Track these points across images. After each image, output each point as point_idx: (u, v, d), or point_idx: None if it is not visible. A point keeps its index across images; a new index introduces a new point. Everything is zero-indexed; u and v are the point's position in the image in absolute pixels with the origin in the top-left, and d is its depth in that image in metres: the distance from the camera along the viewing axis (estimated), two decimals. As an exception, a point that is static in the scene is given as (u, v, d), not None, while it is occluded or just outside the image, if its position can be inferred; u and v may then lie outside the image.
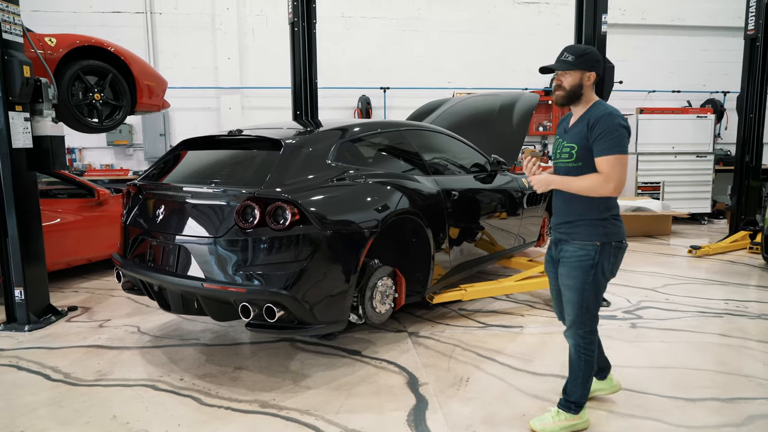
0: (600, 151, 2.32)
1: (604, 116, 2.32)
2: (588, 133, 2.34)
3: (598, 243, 2.39)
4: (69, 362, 3.43)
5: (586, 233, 2.41)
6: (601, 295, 2.50)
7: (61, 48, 4.69)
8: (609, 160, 2.29)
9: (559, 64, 2.42)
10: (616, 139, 2.29)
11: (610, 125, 2.29)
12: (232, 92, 9.24)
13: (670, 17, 10.09)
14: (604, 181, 2.30)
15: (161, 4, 9.04)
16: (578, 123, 2.42)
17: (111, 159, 9.31)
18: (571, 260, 2.45)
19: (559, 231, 2.53)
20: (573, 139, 2.41)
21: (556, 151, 2.52)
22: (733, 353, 3.59)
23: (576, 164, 2.41)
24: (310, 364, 3.38)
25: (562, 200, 2.50)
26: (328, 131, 3.58)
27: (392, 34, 9.57)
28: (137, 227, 3.38)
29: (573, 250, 2.44)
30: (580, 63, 2.38)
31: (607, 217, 2.41)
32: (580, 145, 2.38)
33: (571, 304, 2.48)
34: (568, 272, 2.47)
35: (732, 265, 6.26)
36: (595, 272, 2.41)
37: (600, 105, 2.40)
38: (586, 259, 2.40)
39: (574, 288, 2.45)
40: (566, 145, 2.43)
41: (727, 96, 10.42)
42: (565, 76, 2.41)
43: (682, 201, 9.14)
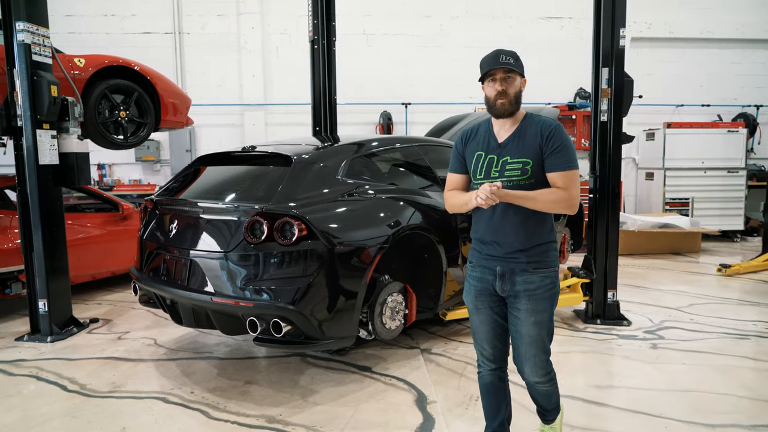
0: (557, 165, 2.07)
1: (557, 128, 2.10)
2: (543, 144, 2.08)
3: (556, 268, 2.18)
4: (86, 373, 3.51)
5: (547, 259, 2.15)
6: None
7: (90, 68, 4.88)
8: (568, 176, 2.07)
9: (506, 64, 2.09)
10: (571, 153, 2.09)
11: (565, 139, 2.09)
12: (256, 109, 9.43)
13: (699, 30, 9.88)
14: (565, 198, 2.05)
15: (189, 24, 9.33)
16: (522, 135, 2.12)
17: (139, 174, 9.57)
18: (538, 292, 2.13)
19: (513, 260, 2.14)
20: (523, 153, 2.10)
21: (490, 169, 2.14)
22: (759, 377, 3.44)
23: (530, 181, 2.10)
24: (320, 379, 3.37)
25: (514, 223, 2.13)
26: (340, 147, 3.62)
27: (414, 50, 9.64)
28: (153, 241, 3.46)
29: (539, 280, 2.13)
30: (519, 67, 2.11)
31: (553, 239, 2.21)
32: (535, 160, 2.09)
33: (542, 341, 2.15)
34: (536, 306, 2.13)
35: (765, 284, 6.01)
36: (556, 300, 2.18)
37: (537, 116, 2.17)
38: (551, 287, 2.15)
39: (543, 323, 2.14)
40: (512, 161, 2.10)
41: (761, 110, 10.10)
42: (508, 83, 2.10)
43: (713, 218, 8.84)
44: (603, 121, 4.38)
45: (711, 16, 9.87)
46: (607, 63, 4.32)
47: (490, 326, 2.24)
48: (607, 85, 4.33)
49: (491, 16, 9.67)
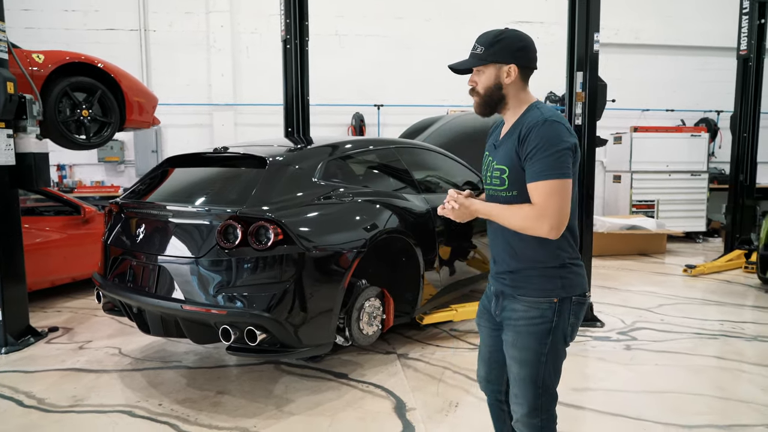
0: (532, 174, 1.65)
1: (538, 125, 1.64)
2: (519, 148, 1.68)
3: (555, 299, 1.73)
4: (44, 387, 3.31)
5: (539, 287, 1.74)
6: (561, 367, 1.82)
7: (50, 64, 4.65)
8: (543, 187, 1.62)
9: (468, 59, 1.78)
10: (552, 157, 1.61)
11: (546, 137, 1.63)
12: (226, 109, 9.21)
13: (664, 37, 10.16)
14: (535, 217, 1.63)
15: (155, 21, 9.06)
16: (510, 135, 1.76)
17: (102, 176, 9.23)
18: (519, 324, 1.76)
19: (502, 281, 1.84)
20: (503, 159, 1.75)
21: (486, 173, 1.85)
22: (730, 377, 3.50)
23: (509, 193, 1.74)
24: (295, 387, 3.27)
25: (503, 239, 1.80)
26: (315, 149, 3.53)
27: (387, 51, 9.60)
28: (118, 246, 3.29)
29: (522, 309, 1.76)
30: (492, 54, 1.73)
31: (565, 262, 1.75)
32: (511, 168, 1.71)
33: (523, 383, 1.78)
34: (515, 340, 1.78)
35: (728, 284, 6.18)
36: (554, 338, 1.74)
37: (536, 109, 1.74)
38: (540, 322, 1.73)
39: (526, 362, 1.76)
40: (496, 167, 1.77)
41: (721, 115, 10.45)
42: (479, 76, 1.78)
43: (677, 219, 9.08)
44: (577, 124, 4.41)
45: (676, 23, 10.16)
46: (581, 67, 4.35)
47: (486, 347, 1.99)
48: (581, 89, 4.36)
49: (464, 19, 9.69)
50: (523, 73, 1.77)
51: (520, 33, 1.78)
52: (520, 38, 1.76)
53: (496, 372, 1.98)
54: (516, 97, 1.78)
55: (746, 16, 7.02)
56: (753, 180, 7.22)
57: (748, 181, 7.20)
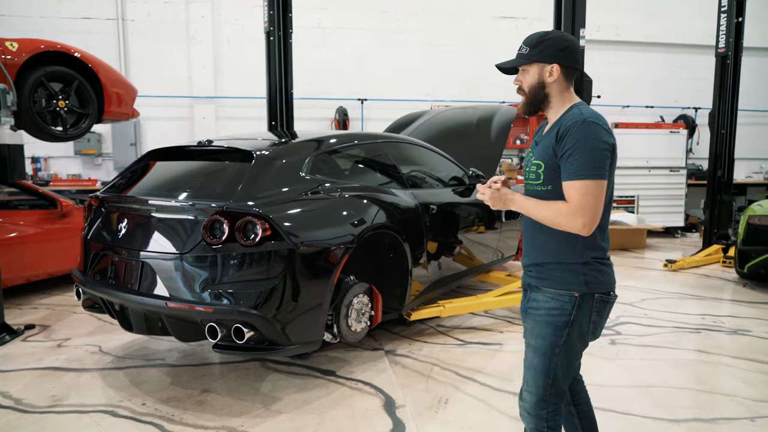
0: (568, 173, 1.70)
1: (577, 125, 1.70)
2: (557, 146, 1.74)
3: (576, 293, 1.78)
4: (21, 386, 3.20)
5: (561, 280, 1.80)
6: (575, 364, 1.90)
7: (24, 53, 4.48)
8: (578, 187, 1.67)
9: (513, 59, 1.86)
10: (589, 157, 1.66)
11: (583, 138, 1.68)
12: (207, 102, 9.05)
13: (644, 34, 10.28)
14: (569, 215, 1.69)
15: (134, 11, 8.83)
16: (549, 133, 1.83)
17: (78, 169, 8.99)
18: (539, 313, 1.84)
19: (528, 275, 1.94)
20: (540, 155, 1.82)
21: (526, 169, 1.94)
22: (713, 371, 3.55)
23: (545, 188, 1.81)
24: (282, 385, 3.22)
25: (531, 234, 1.90)
26: (302, 143, 3.46)
27: (370, 45, 9.52)
28: (99, 242, 3.19)
29: (543, 299, 1.83)
30: (537, 54, 1.80)
31: (590, 260, 1.79)
32: (547, 164, 1.79)
33: (535, 372, 1.85)
34: (533, 328, 1.86)
35: (707, 279, 6.31)
36: (570, 332, 1.79)
37: (577, 109, 1.78)
38: (559, 314, 1.79)
39: (540, 350, 1.83)
40: (533, 162, 1.85)
41: (699, 112, 10.64)
42: (524, 75, 1.85)
43: (656, 215, 9.23)
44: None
45: (656, 21, 10.29)
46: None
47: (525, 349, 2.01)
48: (567, 85, 4.37)
49: (448, 14, 9.68)
50: (566, 73, 1.82)
51: (565, 34, 1.86)
52: (563, 39, 1.83)
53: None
54: (559, 96, 1.83)
55: (725, 14, 7.14)
56: (730, 176, 7.36)
57: (725, 177, 7.34)
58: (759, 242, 5.75)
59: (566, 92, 1.84)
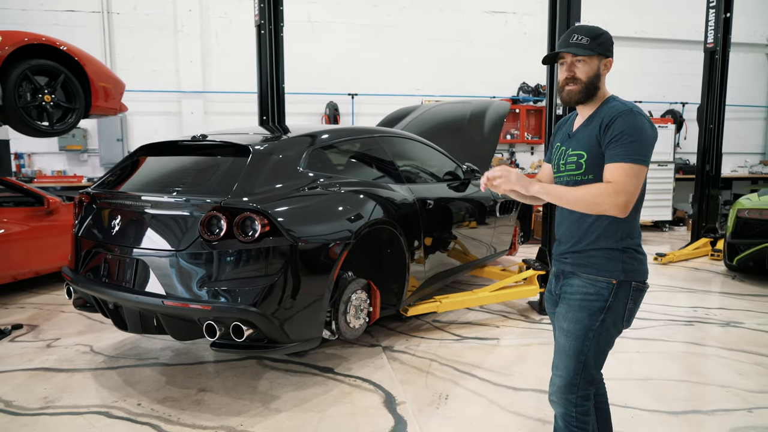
0: (613, 156, 1.74)
1: (624, 113, 1.75)
2: (601, 135, 1.78)
3: (614, 281, 1.80)
4: (11, 388, 3.12)
5: (601, 266, 1.83)
6: (606, 351, 1.88)
7: (7, 45, 4.35)
8: (624, 168, 1.71)
9: (573, 47, 1.83)
10: (637, 143, 1.72)
11: (632, 125, 1.73)
12: (195, 96, 8.91)
13: (633, 30, 10.33)
14: (614, 192, 1.69)
15: (119, 3, 8.65)
16: (588, 124, 1.86)
17: (63, 165, 8.81)
18: (574, 297, 1.86)
19: (563, 261, 1.95)
20: (581, 145, 1.85)
21: (559, 162, 1.95)
22: (708, 363, 3.58)
23: (586, 177, 1.84)
24: (280, 383, 3.18)
25: (570, 221, 1.92)
26: (299, 137, 3.41)
27: (361, 40, 9.45)
28: (90, 239, 3.12)
29: (580, 284, 1.86)
30: (597, 46, 1.83)
31: (629, 247, 1.83)
32: (590, 153, 1.81)
33: (566, 356, 1.86)
34: (567, 312, 1.87)
35: (696, 272, 6.37)
36: (605, 318, 1.81)
37: (616, 100, 1.85)
38: (596, 299, 1.81)
39: (573, 334, 1.84)
40: (572, 153, 1.87)
41: (686, 107, 10.74)
42: (579, 65, 1.84)
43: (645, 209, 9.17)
44: (558, 114, 4.42)
45: (644, 16, 10.35)
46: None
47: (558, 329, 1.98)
48: (562, 79, 4.36)
49: (438, 9, 9.64)
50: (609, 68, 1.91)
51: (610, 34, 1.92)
52: (609, 35, 1.89)
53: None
54: (603, 88, 1.89)
55: (713, 10, 7.19)
56: (718, 170, 7.44)
57: (713, 172, 7.42)
58: (747, 235, 5.81)
59: (604, 86, 1.91)
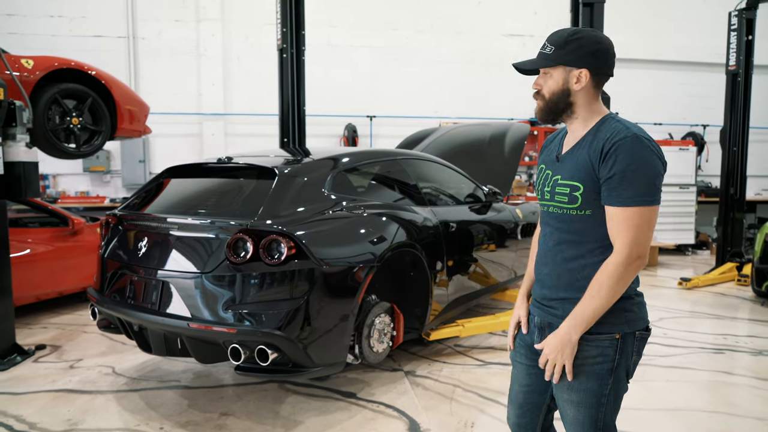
0: (618, 197, 1.45)
1: (628, 141, 1.44)
2: (599, 164, 1.48)
3: (618, 335, 1.53)
4: (35, 410, 3.12)
5: (602, 321, 1.52)
6: (621, 402, 1.65)
7: (38, 70, 4.47)
8: (633, 216, 1.44)
9: (535, 59, 1.59)
10: (646, 180, 1.43)
11: (639, 157, 1.43)
12: (216, 119, 9.06)
13: (652, 52, 10.32)
14: (628, 261, 1.45)
15: (144, 29, 8.89)
16: (579, 148, 1.55)
17: (87, 186, 8.97)
18: (576, 363, 1.54)
19: (550, 311, 1.63)
20: (575, 174, 1.54)
21: (544, 189, 1.64)
22: (743, 393, 3.46)
23: (582, 212, 1.55)
24: (302, 408, 3.13)
25: (554, 260, 1.62)
26: (323, 160, 3.42)
27: (379, 62, 9.57)
28: (116, 260, 3.14)
29: (579, 347, 1.54)
30: (564, 55, 1.52)
31: (631, 294, 1.55)
32: (586, 185, 1.52)
33: (580, 426, 1.60)
34: (571, 382, 1.56)
35: (723, 297, 6.22)
36: (616, 377, 1.55)
37: (617, 122, 1.52)
38: (601, 362, 1.53)
39: (584, 404, 1.56)
40: (563, 183, 1.56)
41: (707, 129, 10.63)
42: (545, 78, 1.59)
43: (667, 232, 9.16)
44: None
45: (663, 39, 10.34)
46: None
47: (520, 388, 1.77)
48: (585, 102, 4.35)
49: (456, 32, 9.74)
50: (596, 80, 1.55)
51: (598, 34, 1.56)
52: (596, 40, 1.54)
53: (530, 415, 1.77)
54: (586, 106, 1.57)
55: (734, 32, 7.15)
56: (743, 193, 7.31)
57: (738, 195, 7.29)
58: (777, 260, 5.67)
59: (594, 102, 1.57)
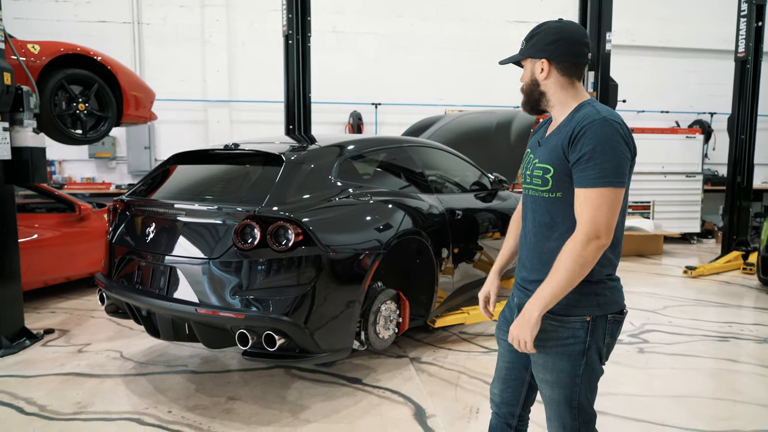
0: (583, 179, 1.49)
1: (595, 124, 1.48)
2: (568, 148, 1.52)
3: (588, 318, 1.58)
4: (45, 392, 3.16)
5: (571, 303, 1.56)
6: (597, 384, 1.67)
7: (45, 56, 4.47)
8: (595, 197, 1.47)
9: (513, 55, 1.71)
10: (610, 162, 1.46)
11: (604, 139, 1.47)
12: (221, 105, 9.04)
13: (658, 39, 10.21)
14: (587, 240, 1.47)
15: (149, 14, 8.84)
16: (557, 133, 1.60)
17: (93, 172, 8.99)
18: (548, 345, 1.60)
19: (526, 292, 1.66)
20: (547, 157, 1.59)
21: (525, 172, 1.70)
22: (748, 380, 3.47)
23: (553, 194, 1.59)
24: (309, 393, 3.16)
25: (533, 242, 1.67)
26: (329, 147, 3.42)
27: (384, 49, 9.50)
28: (124, 246, 3.16)
29: (549, 327, 1.58)
30: (528, 48, 1.63)
31: (603, 278, 1.59)
32: (556, 168, 1.56)
33: (557, 406, 1.65)
34: (545, 362, 1.62)
35: (728, 285, 6.21)
36: (588, 359, 1.59)
37: (591, 107, 1.56)
38: (572, 342, 1.58)
39: (558, 384, 1.62)
40: (538, 166, 1.62)
41: (714, 117, 10.54)
42: (523, 72, 1.69)
43: (672, 220, 9.13)
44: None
45: (670, 26, 10.21)
46: (593, 67, 4.32)
47: (504, 364, 1.83)
48: (593, 89, 4.32)
49: (461, 18, 9.64)
50: (563, 69, 1.60)
51: (562, 24, 1.62)
52: (555, 31, 1.60)
53: (512, 391, 1.82)
54: (559, 94, 1.62)
55: (744, 19, 7.06)
56: (750, 182, 7.27)
57: (745, 183, 7.25)
58: (783, 249, 5.66)
59: (568, 89, 1.61)
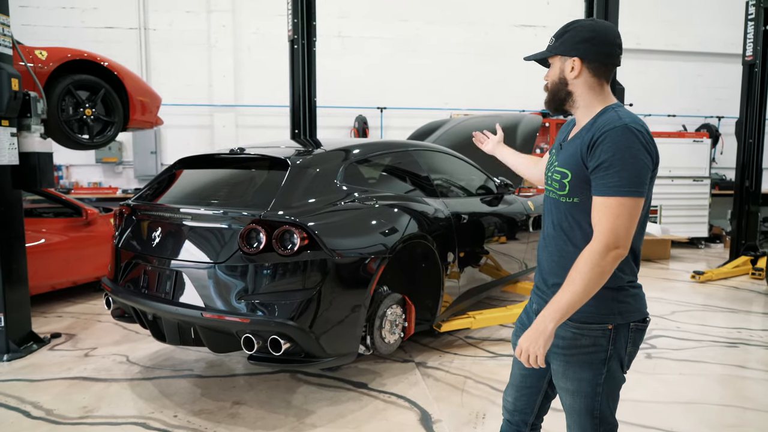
0: (601, 187, 1.45)
1: (616, 131, 1.44)
2: (587, 154, 1.49)
3: (610, 326, 1.55)
4: (51, 397, 3.17)
5: (592, 311, 1.52)
6: (619, 393, 1.64)
7: (52, 61, 4.51)
8: (613, 206, 1.42)
9: (541, 51, 1.66)
10: (629, 170, 1.42)
11: (623, 147, 1.42)
12: (227, 110, 9.07)
13: (665, 42, 10.17)
14: (605, 250, 1.42)
15: (155, 20, 8.90)
16: (578, 137, 1.56)
17: (99, 177, 9.04)
18: (568, 352, 1.58)
19: (544, 297, 1.64)
20: (567, 161, 1.56)
21: (546, 173, 1.68)
22: (757, 387, 3.44)
23: (570, 200, 1.56)
24: (314, 398, 3.15)
25: (556, 248, 1.63)
26: (334, 151, 3.42)
27: (389, 54, 9.51)
28: (130, 250, 3.16)
29: (569, 335, 1.56)
30: (559, 45, 1.58)
31: (624, 285, 1.56)
32: (575, 173, 1.53)
33: (577, 415, 1.63)
34: (566, 371, 1.60)
35: (736, 291, 6.15)
36: (610, 367, 1.56)
37: (614, 112, 1.52)
38: (593, 351, 1.55)
39: (580, 393, 1.59)
40: (558, 169, 1.59)
41: (722, 120, 10.48)
42: (549, 69, 1.64)
43: (680, 225, 9.06)
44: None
45: (677, 29, 10.17)
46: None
47: (519, 371, 1.80)
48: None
49: (467, 22, 9.65)
50: (593, 69, 1.56)
51: (596, 23, 1.58)
52: (590, 28, 1.56)
53: (526, 399, 1.80)
54: (587, 96, 1.58)
55: (752, 22, 7.03)
56: (758, 186, 7.21)
57: (753, 187, 7.19)
58: (792, 254, 5.60)
59: (597, 91, 1.57)
